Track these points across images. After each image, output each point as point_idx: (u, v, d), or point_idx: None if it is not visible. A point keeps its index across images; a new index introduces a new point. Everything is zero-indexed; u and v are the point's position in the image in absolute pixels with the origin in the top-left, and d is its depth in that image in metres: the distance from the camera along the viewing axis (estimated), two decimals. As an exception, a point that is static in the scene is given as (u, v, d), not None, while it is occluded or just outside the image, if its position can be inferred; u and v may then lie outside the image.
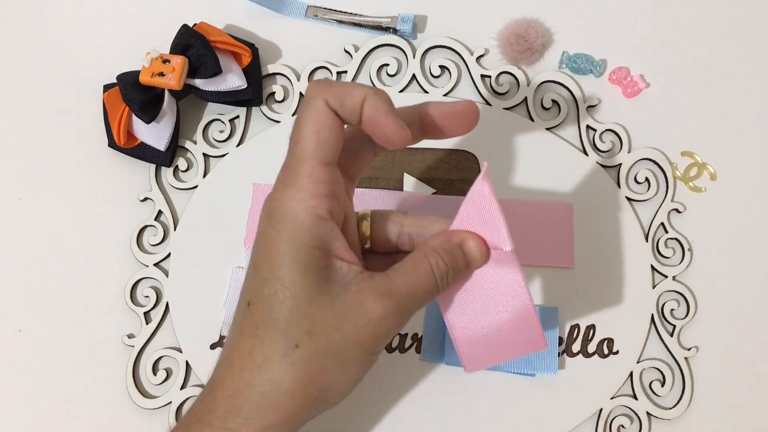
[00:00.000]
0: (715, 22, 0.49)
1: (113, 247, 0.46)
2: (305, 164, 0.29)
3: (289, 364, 0.29)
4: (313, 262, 0.29)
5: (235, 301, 0.43)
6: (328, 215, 0.29)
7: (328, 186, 0.29)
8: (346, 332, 0.29)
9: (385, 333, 0.30)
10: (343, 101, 0.30)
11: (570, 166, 0.46)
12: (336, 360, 0.30)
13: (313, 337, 0.29)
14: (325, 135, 0.29)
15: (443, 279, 0.31)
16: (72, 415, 0.43)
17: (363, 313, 0.29)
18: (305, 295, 0.29)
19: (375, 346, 0.30)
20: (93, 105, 0.48)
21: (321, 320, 0.29)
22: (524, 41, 0.47)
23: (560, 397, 0.42)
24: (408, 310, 0.31)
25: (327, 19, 0.49)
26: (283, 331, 0.29)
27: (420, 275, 0.31)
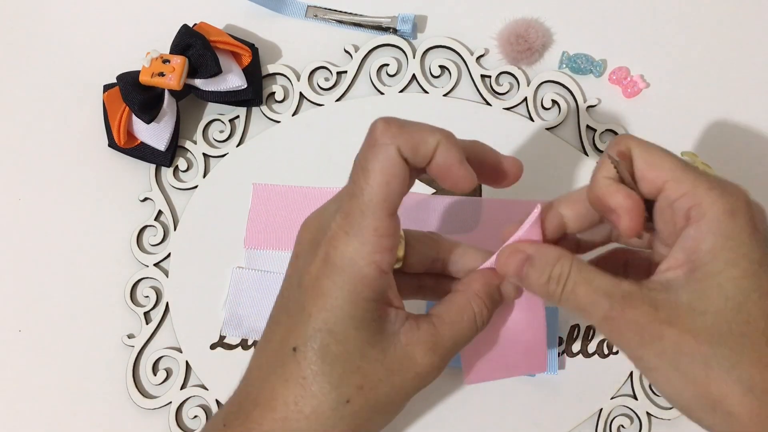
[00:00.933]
0: (715, 23, 0.49)
1: (113, 247, 0.46)
2: (372, 216, 0.28)
3: (339, 419, 0.29)
4: (369, 315, 0.29)
5: (235, 301, 0.44)
6: (389, 269, 0.29)
7: (392, 239, 0.28)
8: (395, 384, 0.29)
9: (428, 382, 0.31)
10: (417, 149, 0.28)
11: (570, 166, 0.46)
12: (383, 411, 0.30)
13: (363, 392, 0.29)
14: (394, 186, 0.28)
15: (483, 324, 0.31)
16: (72, 415, 0.43)
17: (411, 367, 0.29)
18: (357, 349, 0.29)
19: (416, 392, 0.31)
20: (93, 105, 0.48)
21: (371, 374, 0.29)
22: (524, 41, 0.47)
23: (560, 397, 0.42)
24: (452, 357, 0.31)
25: (327, 19, 0.49)
26: (335, 387, 0.28)
27: (464, 325, 0.31)
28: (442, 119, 0.46)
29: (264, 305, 0.44)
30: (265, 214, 0.45)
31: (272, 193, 0.46)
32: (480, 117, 0.47)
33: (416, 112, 0.47)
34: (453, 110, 0.47)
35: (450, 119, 0.47)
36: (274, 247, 0.45)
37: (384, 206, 0.28)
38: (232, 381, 0.43)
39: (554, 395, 0.42)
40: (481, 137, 0.46)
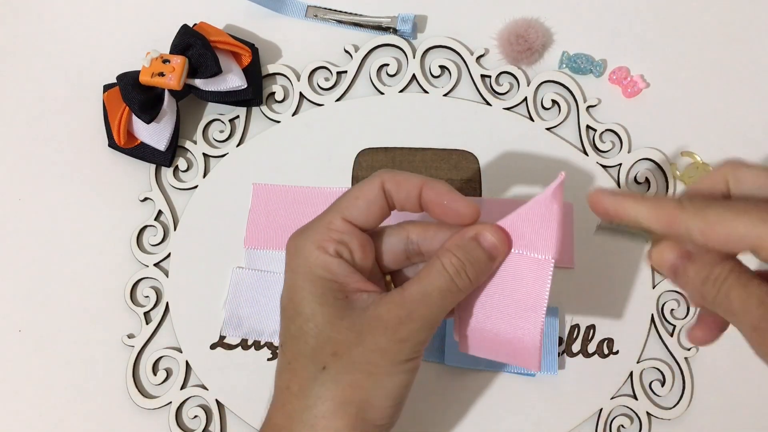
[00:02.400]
0: (715, 23, 0.49)
1: (113, 247, 0.46)
2: (330, 215, 0.32)
3: (320, 386, 0.30)
4: (331, 293, 0.31)
5: (235, 301, 0.44)
6: (336, 254, 0.31)
7: (342, 235, 0.32)
8: (367, 344, 0.30)
9: (406, 337, 0.30)
10: (399, 185, 0.32)
11: (570, 166, 0.46)
12: (363, 372, 0.30)
13: (337, 357, 0.30)
14: (362, 203, 0.32)
15: (459, 274, 0.31)
16: (72, 415, 0.43)
17: (379, 323, 0.30)
18: (326, 321, 0.30)
19: (399, 352, 0.30)
20: (93, 105, 0.48)
21: (343, 340, 0.30)
22: (524, 41, 0.47)
23: (560, 397, 0.42)
24: (425, 313, 0.31)
25: (327, 19, 0.49)
26: (310, 358, 0.31)
27: (432, 276, 0.31)
28: (442, 119, 0.47)
29: (264, 305, 0.44)
30: (265, 214, 0.45)
31: (272, 193, 0.46)
32: (480, 117, 0.47)
33: (416, 112, 0.47)
34: (453, 110, 0.47)
35: (450, 119, 0.47)
36: (274, 247, 0.45)
37: (343, 212, 0.32)
38: (232, 381, 0.43)
39: (554, 395, 0.42)
40: (481, 137, 0.46)
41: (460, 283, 0.31)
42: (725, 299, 0.28)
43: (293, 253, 0.32)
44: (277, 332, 0.43)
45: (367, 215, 0.32)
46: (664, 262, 0.30)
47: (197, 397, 0.43)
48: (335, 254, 0.31)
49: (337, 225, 0.32)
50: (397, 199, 0.32)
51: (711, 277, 0.28)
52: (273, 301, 0.44)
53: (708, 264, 0.29)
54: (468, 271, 0.31)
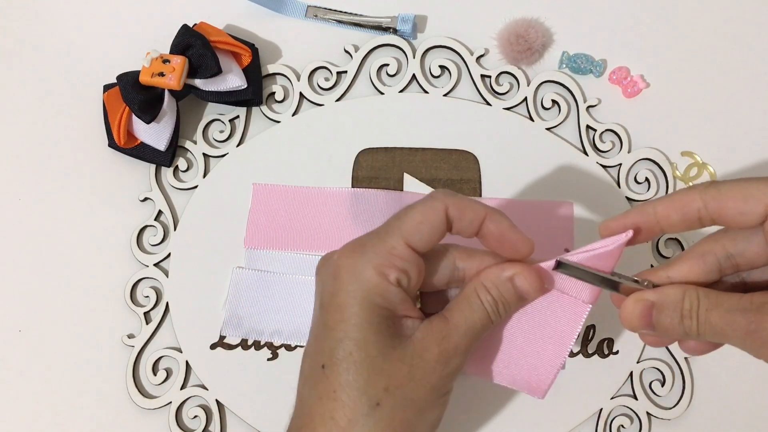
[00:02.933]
0: (714, 22, 0.49)
1: (113, 247, 0.46)
2: (392, 238, 0.31)
3: (373, 423, 0.30)
4: (384, 321, 0.30)
5: (235, 301, 0.44)
6: (396, 282, 0.31)
7: (404, 263, 0.31)
8: (418, 379, 0.30)
9: (452, 371, 0.31)
10: (463, 213, 0.31)
11: (570, 166, 0.46)
12: (415, 409, 0.30)
13: (390, 392, 0.30)
14: (426, 228, 0.31)
15: (495, 312, 0.32)
16: (72, 415, 0.43)
17: (429, 358, 0.30)
18: (379, 352, 0.30)
19: (445, 385, 0.31)
20: (93, 105, 0.48)
21: (395, 374, 0.30)
22: (524, 41, 0.47)
23: (560, 397, 0.42)
24: (468, 344, 0.31)
25: (327, 19, 0.49)
26: (362, 392, 0.30)
27: (473, 310, 0.31)
28: (442, 119, 0.47)
29: (264, 305, 0.44)
30: (265, 214, 0.45)
31: (272, 193, 0.46)
32: (480, 117, 0.47)
33: (416, 112, 0.47)
34: (453, 110, 0.47)
35: (450, 119, 0.47)
36: (274, 247, 0.45)
37: (407, 237, 0.31)
38: (232, 381, 0.43)
39: (554, 395, 0.42)
40: (481, 137, 0.46)
41: (495, 319, 0.32)
42: (708, 326, 0.29)
43: (350, 273, 0.31)
44: (277, 332, 0.43)
45: (429, 241, 0.31)
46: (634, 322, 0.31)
47: (197, 397, 0.43)
48: (396, 282, 0.30)
49: (400, 251, 0.31)
50: (457, 226, 0.32)
51: (684, 312, 0.29)
52: (273, 301, 0.44)
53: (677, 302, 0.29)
54: (500, 309, 0.32)
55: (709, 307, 0.29)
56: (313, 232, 0.45)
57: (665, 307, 0.30)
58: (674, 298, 0.29)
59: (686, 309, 0.29)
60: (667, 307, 0.30)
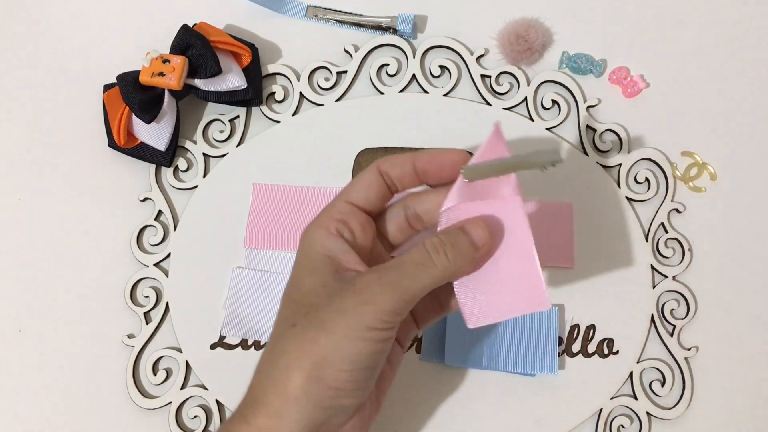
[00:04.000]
0: (714, 22, 0.49)
1: (113, 247, 0.46)
2: (334, 201, 0.35)
3: (285, 341, 0.31)
4: (323, 267, 0.33)
5: (235, 301, 0.44)
6: (337, 233, 0.33)
7: (342, 214, 0.34)
8: (336, 306, 0.31)
9: (369, 300, 0.30)
10: (392, 161, 0.34)
11: (570, 166, 0.46)
12: (324, 330, 0.30)
13: (308, 317, 0.31)
14: (362, 184, 0.34)
15: (437, 251, 0.32)
16: (72, 415, 0.43)
17: (349, 288, 0.31)
18: (310, 289, 0.32)
19: (360, 314, 0.30)
20: (93, 105, 0.48)
21: (318, 303, 0.32)
22: (524, 41, 0.47)
23: (560, 397, 0.42)
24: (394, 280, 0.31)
25: (327, 19, 0.49)
26: (286, 318, 0.32)
27: (411, 252, 0.32)
28: (442, 119, 0.47)
29: (264, 305, 0.44)
30: (265, 214, 0.45)
31: (272, 193, 0.46)
32: (480, 117, 0.47)
33: (416, 112, 0.47)
34: (453, 110, 0.47)
35: (450, 119, 0.47)
36: (274, 247, 0.45)
37: (345, 196, 0.34)
38: (232, 381, 0.43)
39: (554, 395, 0.42)
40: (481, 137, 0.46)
41: (438, 260, 0.32)
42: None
43: (303, 236, 0.34)
44: (277, 332, 0.43)
45: (367, 195, 0.34)
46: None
47: (197, 397, 0.43)
48: (336, 233, 0.33)
49: (339, 207, 0.34)
50: (394, 177, 0.34)
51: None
52: (273, 301, 0.44)
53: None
54: (447, 250, 0.32)
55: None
56: (313, 232, 0.45)
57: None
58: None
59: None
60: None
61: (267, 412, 0.31)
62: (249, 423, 0.31)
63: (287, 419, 0.30)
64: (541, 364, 0.42)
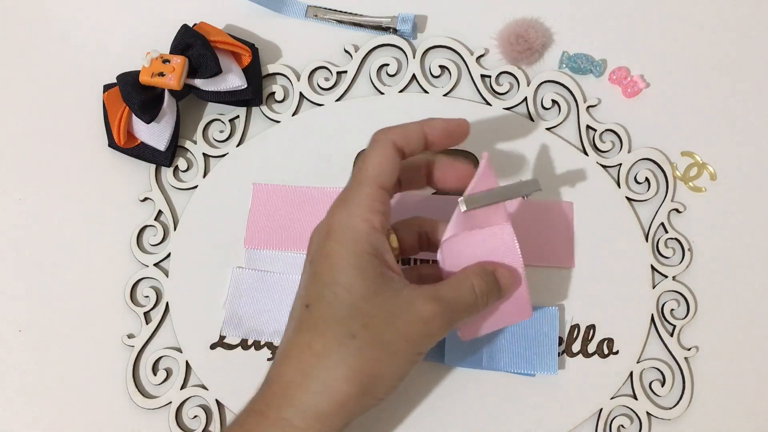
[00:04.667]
0: (714, 22, 0.49)
1: (113, 247, 0.46)
2: (366, 186, 0.34)
3: (346, 353, 0.31)
4: (371, 268, 0.32)
5: (235, 301, 0.44)
6: (381, 228, 0.33)
7: (382, 205, 0.34)
8: (398, 327, 0.32)
9: (432, 332, 0.33)
10: (406, 135, 0.35)
11: (570, 166, 0.46)
12: (387, 352, 0.32)
13: (368, 329, 0.31)
14: (386, 165, 0.34)
15: (483, 297, 0.35)
16: (72, 415, 0.43)
17: (414, 312, 0.32)
18: (363, 295, 0.32)
19: (422, 344, 0.33)
20: (93, 105, 0.48)
21: (376, 316, 0.32)
22: (524, 41, 0.47)
23: (560, 397, 0.42)
24: (452, 317, 0.33)
25: (327, 19, 0.49)
26: (342, 324, 0.31)
27: (463, 291, 0.34)
28: (442, 119, 0.47)
29: (264, 305, 0.44)
30: (265, 214, 0.45)
31: (272, 193, 0.46)
32: (480, 117, 0.47)
33: (416, 112, 0.47)
34: (453, 110, 0.47)
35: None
36: (274, 247, 0.45)
37: (376, 179, 0.34)
38: (232, 381, 0.43)
39: (554, 395, 0.42)
40: (481, 137, 0.46)
41: (481, 305, 0.35)
42: None
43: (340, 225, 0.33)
44: (277, 332, 0.43)
45: (393, 174, 0.34)
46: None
47: (197, 397, 0.43)
48: (380, 228, 0.33)
49: (377, 194, 0.34)
50: (409, 148, 0.35)
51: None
52: (273, 301, 0.44)
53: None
54: (488, 297, 0.35)
55: None
56: (313, 232, 0.45)
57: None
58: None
59: None
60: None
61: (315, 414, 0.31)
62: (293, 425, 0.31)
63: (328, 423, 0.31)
64: (541, 364, 0.42)
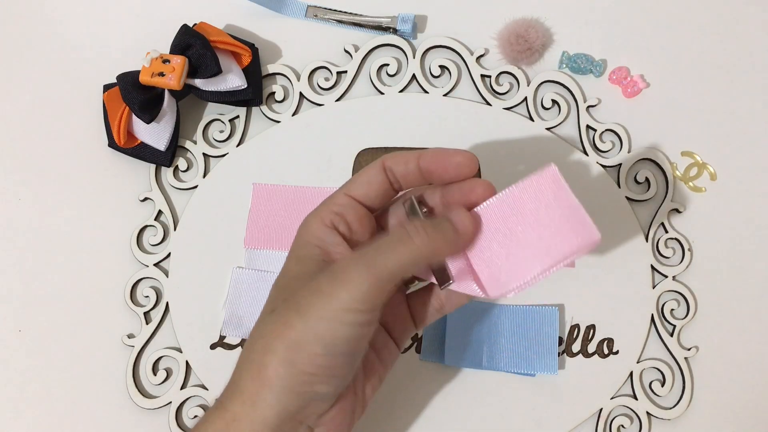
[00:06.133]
0: (715, 22, 0.49)
1: (113, 247, 0.46)
2: (336, 195, 0.34)
3: (263, 326, 0.32)
4: (310, 255, 0.33)
5: (235, 301, 0.44)
6: (331, 225, 0.33)
7: (339, 207, 0.34)
8: (311, 287, 0.31)
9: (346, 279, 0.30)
10: (396, 158, 0.34)
11: (570, 166, 0.46)
12: (297, 312, 0.30)
13: (286, 302, 0.31)
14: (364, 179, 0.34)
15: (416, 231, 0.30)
16: (72, 415, 0.43)
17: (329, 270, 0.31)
18: (294, 275, 0.33)
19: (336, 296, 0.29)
20: (93, 105, 0.48)
21: (298, 288, 0.32)
22: (524, 41, 0.47)
23: (560, 397, 0.42)
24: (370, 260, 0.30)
25: (327, 19, 0.49)
26: (268, 303, 0.33)
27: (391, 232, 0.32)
28: (442, 119, 0.47)
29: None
30: (265, 214, 0.45)
31: (272, 193, 0.46)
32: (480, 117, 0.47)
33: (416, 112, 0.47)
34: (453, 110, 0.47)
35: (450, 119, 0.47)
36: (274, 247, 0.45)
37: (346, 189, 0.34)
38: (232, 381, 0.43)
39: (554, 395, 0.42)
40: (481, 137, 0.46)
41: (416, 236, 0.30)
42: None
43: (300, 226, 0.34)
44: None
45: (368, 190, 0.34)
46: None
47: (197, 397, 0.43)
48: (330, 225, 0.33)
49: (338, 199, 0.34)
50: (398, 174, 0.34)
51: None
52: (273, 301, 0.44)
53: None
54: (428, 230, 0.31)
55: None
56: (313, 232, 0.45)
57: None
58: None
59: None
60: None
61: (242, 398, 0.30)
62: (226, 409, 0.31)
63: (261, 405, 0.30)
64: (541, 364, 0.42)
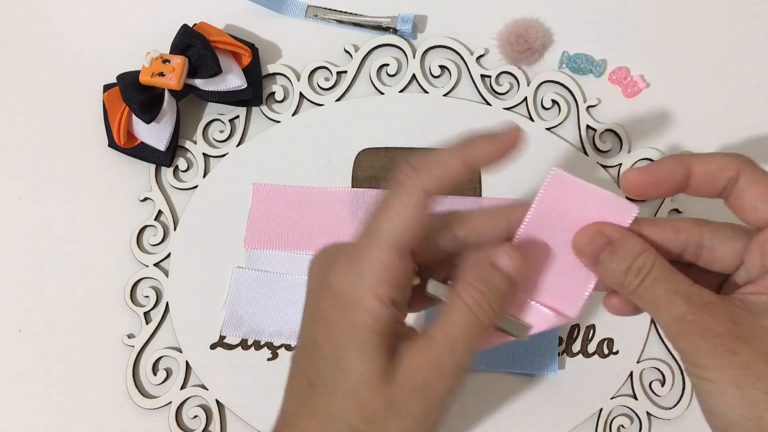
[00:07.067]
0: (714, 23, 0.49)
1: (113, 247, 0.46)
2: (376, 249, 0.28)
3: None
4: (377, 349, 0.28)
5: (235, 301, 0.44)
6: (389, 301, 0.28)
7: (395, 274, 0.28)
8: (403, 415, 0.28)
9: (433, 392, 0.29)
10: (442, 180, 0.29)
11: (570, 166, 0.46)
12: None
13: (369, 422, 0.28)
14: (409, 224, 0.28)
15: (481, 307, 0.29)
16: (72, 415, 0.43)
17: (414, 387, 0.28)
18: (366, 381, 0.28)
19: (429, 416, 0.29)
20: (93, 105, 0.48)
21: (376, 404, 0.28)
22: (524, 41, 0.47)
23: (560, 397, 0.42)
24: (454, 362, 0.29)
25: (327, 19, 0.49)
26: (342, 419, 0.28)
27: (454, 317, 0.29)
28: (442, 119, 0.47)
29: (264, 305, 0.44)
30: (265, 214, 0.45)
31: (272, 193, 0.46)
32: (480, 117, 0.47)
33: (416, 112, 0.47)
34: (453, 110, 0.47)
35: (450, 119, 0.47)
36: (274, 247, 0.45)
37: (393, 241, 0.28)
38: (232, 381, 0.43)
39: (554, 395, 0.42)
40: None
41: (483, 317, 0.29)
42: (648, 292, 0.28)
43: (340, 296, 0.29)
44: (277, 332, 0.43)
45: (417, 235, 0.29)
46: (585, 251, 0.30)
47: (197, 397, 0.43)
48: (389, 301, 0.28)
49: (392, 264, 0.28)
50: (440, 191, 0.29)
51: (634, 267, 0.29)
52: (273, 301, 0.44)
53: (630, 254, 0.29)
54: (490, 301, 0.29)
55: (659, 277, 0.28)
56: (313, 232, 0.45)
57: (619, 252, 0.29)
58: (631, 250, 0.29)
59: (637, 265, 0.29)
60: (621, 252, 0.29)
61: None
62: None
63: None
64: (541, 364, 0.42)
